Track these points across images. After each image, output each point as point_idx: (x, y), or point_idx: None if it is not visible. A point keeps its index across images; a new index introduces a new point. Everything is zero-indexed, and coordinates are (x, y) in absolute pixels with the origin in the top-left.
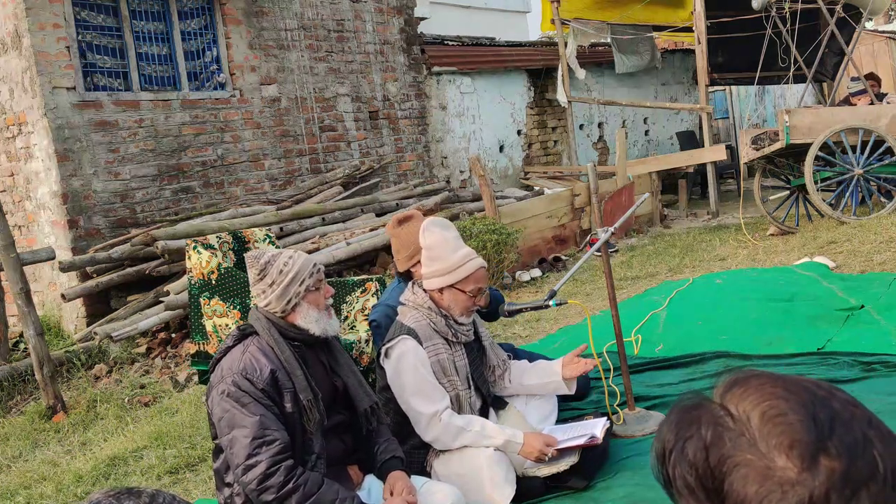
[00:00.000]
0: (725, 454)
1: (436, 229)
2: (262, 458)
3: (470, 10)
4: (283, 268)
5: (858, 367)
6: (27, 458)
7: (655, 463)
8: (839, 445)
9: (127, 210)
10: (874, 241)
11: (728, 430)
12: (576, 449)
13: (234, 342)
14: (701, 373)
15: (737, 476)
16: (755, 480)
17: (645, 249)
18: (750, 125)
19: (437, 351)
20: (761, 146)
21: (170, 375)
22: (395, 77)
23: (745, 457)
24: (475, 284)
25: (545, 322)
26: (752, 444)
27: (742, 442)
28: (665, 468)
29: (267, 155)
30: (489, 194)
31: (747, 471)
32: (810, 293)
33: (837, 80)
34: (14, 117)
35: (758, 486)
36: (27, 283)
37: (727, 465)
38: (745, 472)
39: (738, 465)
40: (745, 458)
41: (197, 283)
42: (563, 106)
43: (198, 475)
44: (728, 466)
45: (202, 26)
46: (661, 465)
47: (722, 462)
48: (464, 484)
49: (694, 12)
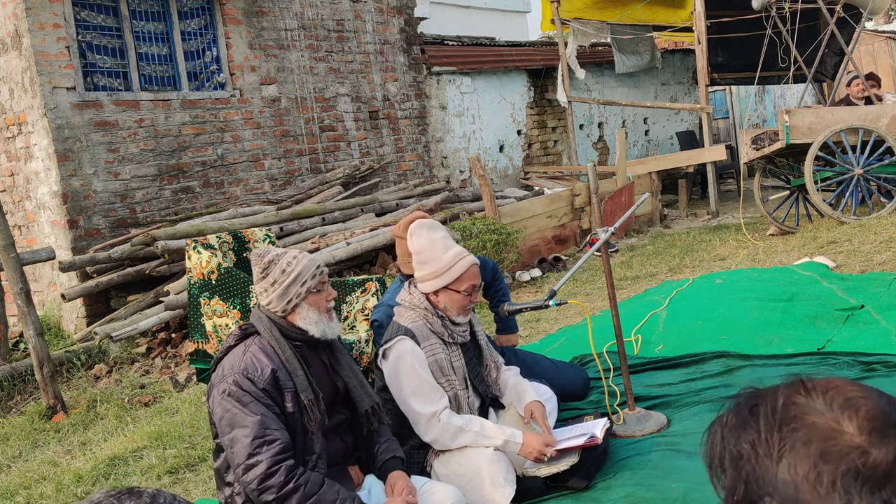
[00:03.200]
0: (795, 414)
1: (423, 232)
2: (263, 457)
3: (470, 10)
4: (286, 267)
5: (858, 367)
6: (27, 458)
7: (709, 439)
8: None
9: (127, 210)
10: (874, 241)
11: (800, 398)
12: (576, 449)
13: (236, 342)
14: (701, 373)
15: (801, 434)
16: (819, 439)
17: (645, 249)
18: (750, 125)
19: (434, 351)
20: (761, 146)
21: (170, 375)
22: (395, 77)
23: (813, 419)
24: (469, 282)
25: (545, 322)
26: (823, 410)
27: (813, 408)
28: (722, 439)
29: (267, 155)
30: (489, 194)
31: (813, 432)
32: (810, 293)
33: (837, 80)
34: (14, 117)
35: (820, 445)
36: (27, 283)
37: (795, 423)
38: (809, 433)
39: (806, 426)
40: (813, 420)
41: (197, 283)
42: (563, 106)
43: (198, 475)
44: (796, 425)
45: (202, 26)
46: (719, 436)
47: (790, 420)
48: (464, 484)
49: (694, 12)
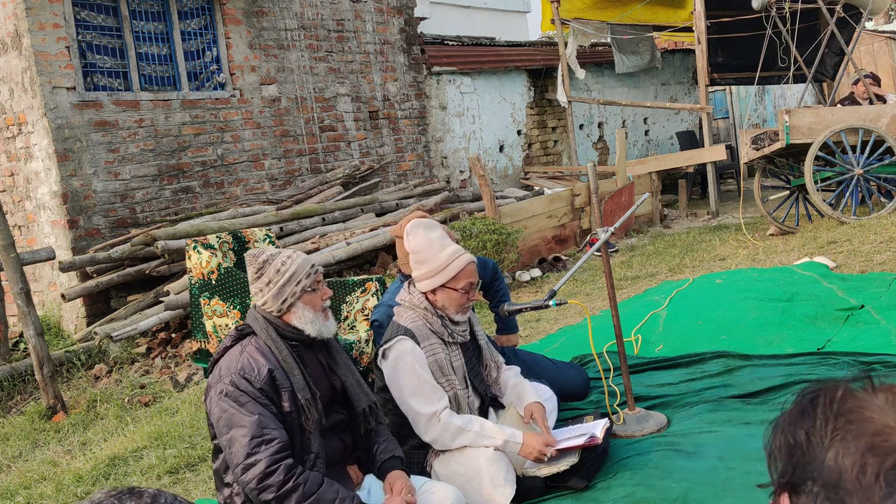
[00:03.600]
0: (852, 407)
1: (419, 231)
2: (262, 457)
3: (470, 10)
4: (280, 267)
5: (858, 367)
6: (27, 458)
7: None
8: None
9: (127, 210)
10: (874, 241)
11: (862, 394)
12: (576, 449)
13: (232, 342)
14: (701, 373)
15: (854, 427)
16: (870, 434)
17: (645, 249)
18: (750, 125)
19: (434, 351)
20: (761, 146)
21: (170, 375)
22: (395, 77)
23: (869, 415)
24: (466, 280)
25: (545, 322)
26: (882, 408)
27: (872, 405)
28: (782, 427)
29: (267, 155)
30: (489, 194)
31: (865, 426)
32: (810, 293)
33: (837, 80)
34: (14, 117)
35: (871, 440)
36: (27, 283)
37: (850, 416)
38: (862, 427)
39: (860, 420)
40: (869, 415)
41: (197, 282)
42: (563, 106)
43: (198, 475)
44: (850, 417)
45: (202, 26)
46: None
47: (846, 413)
48: (464, 484)
49: (694, 12)
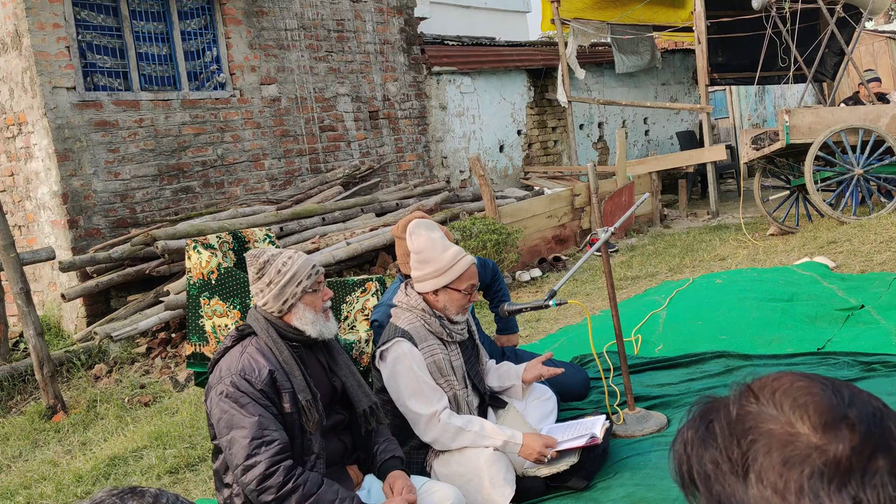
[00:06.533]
0: (750, 425)
1: (422, 231)
2: (262, 458)
3: (470, 10)
4: (281, 268)
5: (858, 367)
6: (27, 458)
7: (675, 458)
8: (857, 415)
9: (127, 210)
10: (874, 241)
11: (752, 406)
12: (576, 449)
13: (233, 343)
14: (701, 373)
15: (761, 445)
16: (778, 447)
17: (645, 249)
18: (750, 125)
19: (432, 352)
20: (761, 146)
21: (170, 375)
22: (395, 77)
23: (768, 427)
24: (469, 282)
25: (545, 322)
26: (776, 415)
27: (766, 414)
28: (688, 458)
29: (267, 155)
30: (489, 194)
31: (770, 440)
32: (810, 293)
33: (837, 80)
34: (14, 117)
35: (781, 452)
36: (27, 283)
37: (752, 434)
38: (768, 441)
39: (763, 435)
40: (769, 427)
41: (197, 283)
42: (563, 106)
43: (198, 475)
44: (753, 436)
45: (202, 26)
46: (684, 455)
47: (747, 432)
48: (464, 484)
49: (694, 12)
